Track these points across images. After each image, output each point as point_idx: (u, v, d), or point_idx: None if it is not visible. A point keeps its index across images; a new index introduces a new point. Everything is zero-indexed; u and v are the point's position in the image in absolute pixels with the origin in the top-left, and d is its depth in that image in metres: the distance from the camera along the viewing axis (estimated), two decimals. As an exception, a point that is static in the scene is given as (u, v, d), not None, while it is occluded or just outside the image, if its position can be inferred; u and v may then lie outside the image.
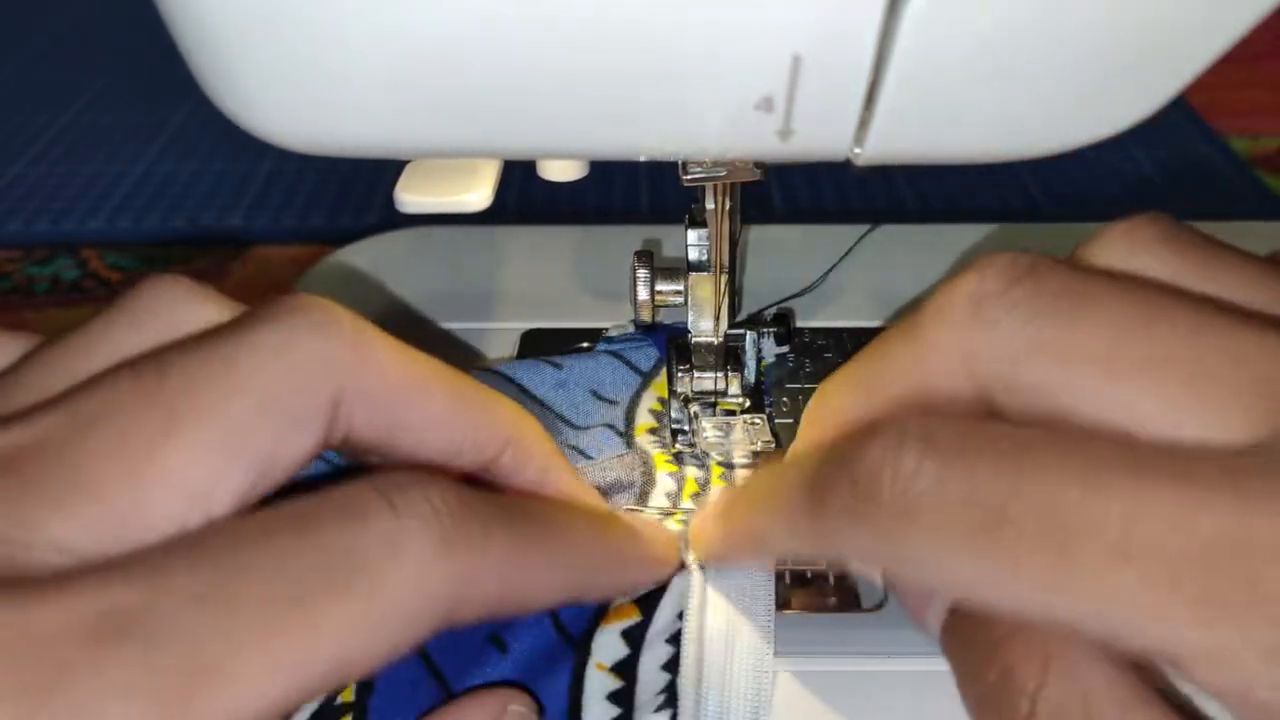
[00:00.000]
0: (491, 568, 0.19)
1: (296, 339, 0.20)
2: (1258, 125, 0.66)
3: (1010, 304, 0.20)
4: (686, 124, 0.21)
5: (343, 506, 0.18)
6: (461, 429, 0.22)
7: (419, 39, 0.19)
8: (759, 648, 0.26)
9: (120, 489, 0.17)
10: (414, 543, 0.18)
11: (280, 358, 0.19)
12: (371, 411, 0.21)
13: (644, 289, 0.34)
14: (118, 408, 0.18)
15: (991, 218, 0.55)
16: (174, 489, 0.18)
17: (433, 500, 0.18)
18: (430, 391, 0.22)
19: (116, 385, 0.18)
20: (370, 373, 0.20)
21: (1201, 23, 0.20)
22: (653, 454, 0.32)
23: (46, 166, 0.68)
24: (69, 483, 0.17)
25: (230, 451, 0.18)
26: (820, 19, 0.19)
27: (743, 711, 0.25)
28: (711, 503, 0.28)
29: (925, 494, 0.18)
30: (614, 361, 0.35)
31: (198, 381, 0.18)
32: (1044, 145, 0.22)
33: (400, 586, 0.18)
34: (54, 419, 0.18)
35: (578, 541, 0.23)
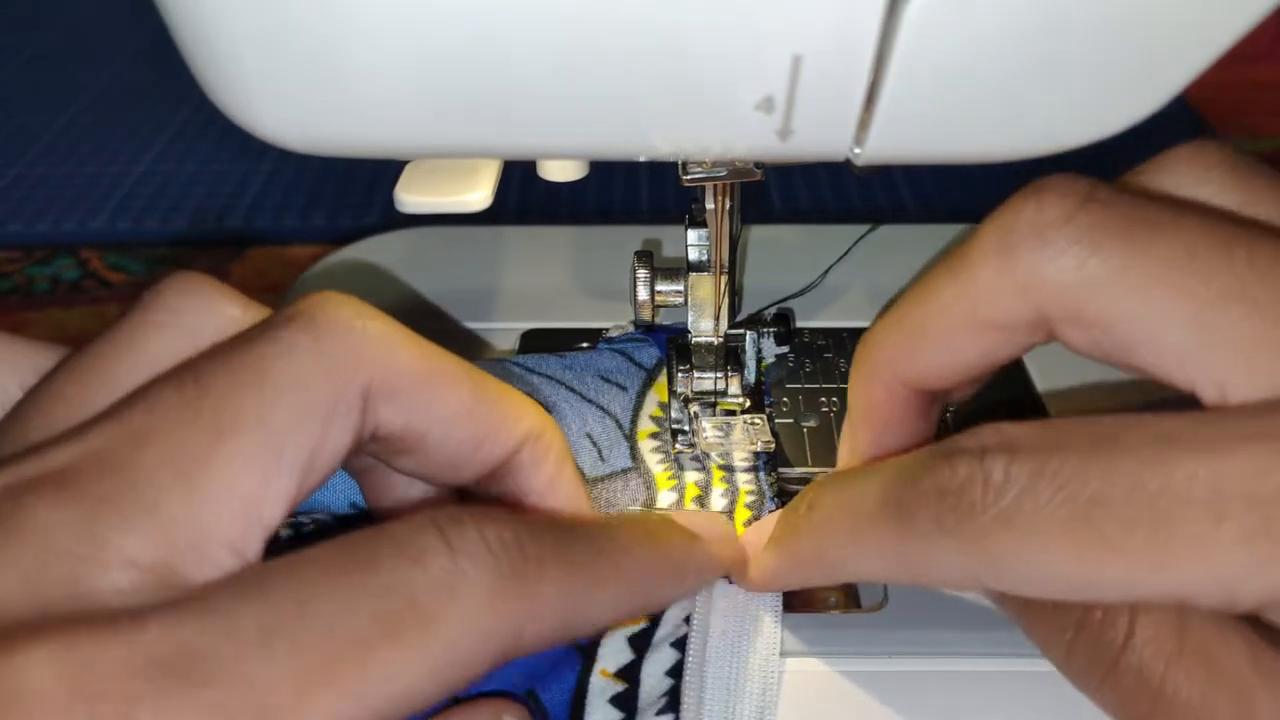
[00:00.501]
0: (548, 603, 0.19)
1: (325, 338, 0.20)
2: (1258, 125, 0.66)
3: (1076, 231, 0.20)
4: (687, 124, 0.21)
5: (401, 544, 0.18)
6: (484, 420, 0.23)
7: (419, 39, 0.19)
8: (766, 653, 0.26)
9: (177, 501, 0.18)
10: (470, 585, 0.18)
11: (311, 358, 0.20)
12: (398, 403, 0.21)
13: (644, 289, 0.34)
14: (165, 421, 0.18)
15: (991, 218, 0.55)
16: (227, 496, 0.18)
17: (489, 538, 0.19)
18: (454, 383, 0.22)
19: (161, 399, 0.19)
20: (396, 366, 0.21)
21: (1201, 23, 0.19)
22: (655, 474, 0.32)
23: (46, 166, 0.68)
24: (130, 499, 0.17)
25: (274, 455, 0.19)
26: (820, 19, 0.19)
27: (748, 713, 0.25)
28: (761, 529, 0.27)
29: (1019, 500, 0.18)
30: (617, 356, 0.36)
31: (236, 389, 0.19)
32: (1044, 145, 0.22)
33: (457, 629, 0.18)
34: (107, 436, 0.18)
35: (634, 563, 0.23)
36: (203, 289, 0.21)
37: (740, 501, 0.31)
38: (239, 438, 0.19)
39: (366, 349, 0.21)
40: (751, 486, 0.32)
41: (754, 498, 0.31)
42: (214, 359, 0.20)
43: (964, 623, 0.28)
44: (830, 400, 0.36)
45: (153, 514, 0.17)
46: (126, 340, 0.21)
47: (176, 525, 0.18)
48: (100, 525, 0.17)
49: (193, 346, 0.21)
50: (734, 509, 0.31)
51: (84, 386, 0.20)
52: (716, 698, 0.25)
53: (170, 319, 0.21)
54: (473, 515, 0.19)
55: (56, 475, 0.18)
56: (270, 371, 0.19)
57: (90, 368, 0.20)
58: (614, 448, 0.33)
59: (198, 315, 0.21)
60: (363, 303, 0.21)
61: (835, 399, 0.36)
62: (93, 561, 0.17)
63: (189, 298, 0.21)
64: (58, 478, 0.18)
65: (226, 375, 0.19)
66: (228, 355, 0.20)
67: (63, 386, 0.20)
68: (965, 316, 0.22)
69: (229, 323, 0.21)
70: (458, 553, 0.18)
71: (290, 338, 0.20)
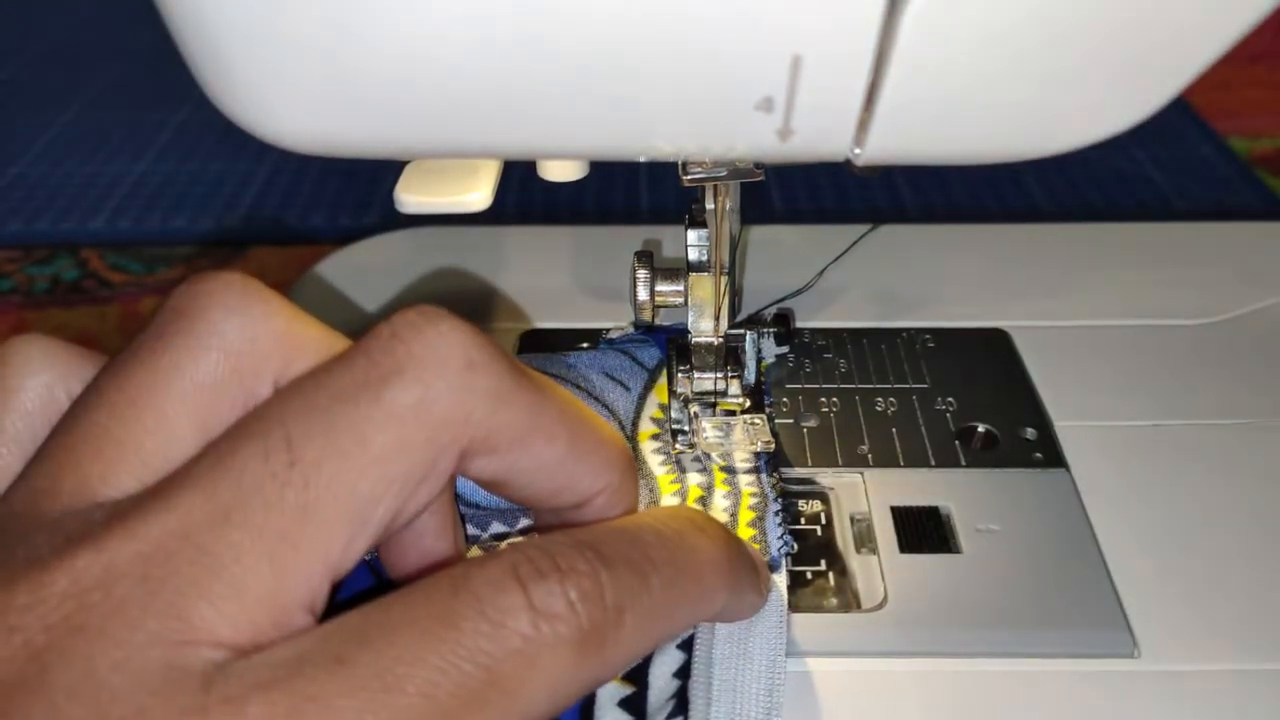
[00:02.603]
0: (628, 646, 0.20)
1: (432, 398, 0.19)
2: (1258, 125, 0.66)
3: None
4: (687, 124, 0.21)
5: (484, 604, 0.18)
6: (570, 475, 0.22)
7: (419, 39, 0.19)
8: (773, 650, 0.26)
9: (266, 581, 0.17)
10: (551, 650, 0.18)
11: (416, 425, 0.19)
12: (492, 461, 0.20)
13: (644, 289, 0.34)
14: (252, 494, 0.18)
15: (991, 218, 0.55)
16: (312, 571, 0.18)
17: (570, 595, 0.19)
18: (551, 440, 0.21)
19: (248, 469, 0.18)
20: (500, 428, 0.20)
21: (1201, 23, 0.19)
22: (657, 476, 0.32)
23: (46, 166, 0.68)
24: (218, 578, 0.17)
25: (363, 523, 0.18)
26: (820, 19, 0.19)
27: (754, 714, 0.25)
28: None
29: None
30: (620, 356, 0.36)
31: (329, 461, 0.18)
32: (1044, 145, 0.22)
33: (537, 692, 0.18)
34: (193, 510, 0.18)
35: (714, 564, 0.23)
36: (249, 307, 0.20)
37: (744, 504, 0.31)
38: (329, 512, 0.18)
39: (476, 412, 0.19)
40: (754, 489, 0.32)
41: (757, 499, 0.31)
42: (307, 419, 0.18)
43: (964, 623, 0.28)
44: (830, 400, 0.36)
45: (241, 597, 0.17)
46: (170, 368, 0.19)
47: (264, 604, 0.17)
48: (191, 608, 0.17)
49: (237, 370, 0.20)
50: (738, 509, 0.31)
51: (136, 425, 0.19)
52: (723, 699, 0.25)
53: (216, 342, 0.20)
54: (557, 566, 0.19)
55: (145, 557, 0.17)
56: (367, 440, 0.18)
57: (136, 401, 0.19)
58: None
59: (240, 331, 0.20)
60: (473, 333, 0.20)
61: (835, 399, 0.36)
62: (186, 645, 0.17)
63: (235, 317, 0.20)
64: (146, 560, 0.17)
65: (320, 444, 0.18)
66: (324, 414, 0.18)
67: (109, 424, 0.19)
68: None
69: (275, 335, 0.20)
70: (539, 615, 0.18)
71: (394, 400, 0.19)
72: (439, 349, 0.19)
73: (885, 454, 0.34)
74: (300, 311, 0.21)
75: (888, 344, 0.39)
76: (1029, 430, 0.35)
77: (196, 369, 0.20)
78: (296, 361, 0.20)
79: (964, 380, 0.37)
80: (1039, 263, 0.44)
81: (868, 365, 0.38)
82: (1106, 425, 0.35)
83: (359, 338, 0.20)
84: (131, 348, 0.20)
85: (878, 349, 0.39)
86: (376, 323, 0.20)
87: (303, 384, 0.19)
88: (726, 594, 0.24)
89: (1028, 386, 0.37)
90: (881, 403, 0.36)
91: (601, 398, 0.34)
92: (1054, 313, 0.41)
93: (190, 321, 0.20)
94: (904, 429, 0.35)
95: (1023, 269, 0.44)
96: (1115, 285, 0.42)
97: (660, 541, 0.22)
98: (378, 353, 0.19)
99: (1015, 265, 0.44)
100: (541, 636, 0.18)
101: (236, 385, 0.20)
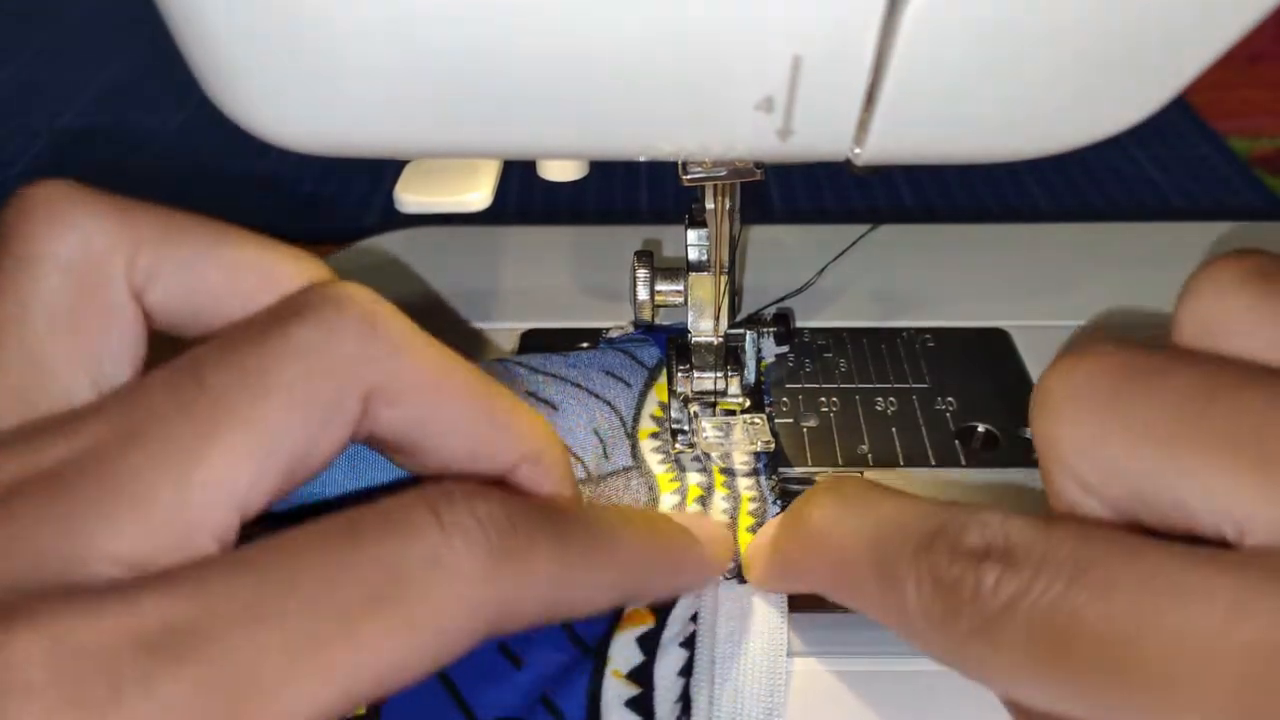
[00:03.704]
0: (538, 583, 0.19)
1: (334, 338, 0.20)
2: (1258, 125, 0.66)
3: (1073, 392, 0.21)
4: (687, 124, 0.21)
5: (390, 520, 0.18)
6: (483, 437, 0.22)
7: (419, 39, 0.19)
8: (773, 650, 0.26)
9: (167, 499, 0.18)
10: (459, 560, 0.18)
11: (317, 358, 0.19)
12: (398, 411, 0.21)
13: (644, 289, 0.34)
14: (158, 418, 0.18)
15: (991, 218, 0.55)
16: (216, 495, 0.18)
17: (479, 515, 0.19)
18: (458, 396, 0.22)
19: (158, 399, 0.18)
20: (403, 373, 0.21)
21: (1201, 23, 0.19)
22: (656, 475, 0.32)
23: (46, 166, 0.68)
24: (118, 496, 0.17)
25: (267, 454, 0.19)
26: (820, 19, 0.19)
27: (755, 714, 0.25)
28: (770, 529, 0.27)
29: (1000, 618, 0.19)
30: (620, 354, 0.36)
31: (235, 388, 0.19)
32: (1044, 145, 0.22)
33: (444, 603, 0.18)
34: (97, 434, 0.18)
35: (627, 550, 0.23)
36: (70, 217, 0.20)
37: (743, 508, 0.31)
38: (232, 436, 0.18)
39: (374, 353, 0.20)
40: (753, 492, 0.32)
41: (756, 504, 0.31)
42: (219, 354, 0.19)
43: (964, 623, 0.28)
44: (830, 400, 0.36)
45: (141, 511, 0.17)
46: (22, 300, 0.19)
47: (165, 523, 0.17)
48: (82, 522, 0.17)
49: (84, 282, 0.20)
50: (737, 512, 0.31)
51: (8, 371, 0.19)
52: (725, 696, 0.25)
53: (51, 266, 0.19)
54: (465, 491, 0.19)
55: (45, 476, 0.17)
56: (271, 372, 0.19)
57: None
58: (617, 446, 0.33)
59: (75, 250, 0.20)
60: (380, 299, 0.21)
61: (835, 399, 0.36)
62: (78, 560, 0.17)
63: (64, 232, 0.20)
64: (45, 478, 0.17)
65: (227, 373, 0.19)
66: (233, 350, 0.19)
67: None
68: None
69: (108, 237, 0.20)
70: (448, 527, 0.18)
71: (301, 336, 0.19)
72: (344, 299, 0.20)
73: (885, 454, 0.34)
74: (134, 203, 0.21)
75: (888, 344, 0.39)
76: (1029, 430, 0.34)
77: (44, 296, 0.19)
78: (141, 258, 0.20)
79: (964, 380, 0.37)
80: (1039, 263, 0.44)
81: (868, 365, 0.38)
82: (1106, 425, 0.35)
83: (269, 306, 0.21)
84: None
85: (878, 349, 0.39)
86: None
87: (219, 334, 0.20)
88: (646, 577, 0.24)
89: (1028, 386, 0.37)
90: (881, 403, 0.36)
91: (602, 395, 0.34)
92: (1054, 313, 0.41)
93: (21, 247, 0.20)
94: (904, 429, 0.35)
95: (1023, 269, 0.44)
96: (1115, 285, 0.42)
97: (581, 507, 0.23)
98: (295, 301, 0.20)
99: (1015, 265, 0.44)
100: (450, 544, 0.18)
101: (92, 303, 0.20)
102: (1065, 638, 0.18)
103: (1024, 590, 0.19)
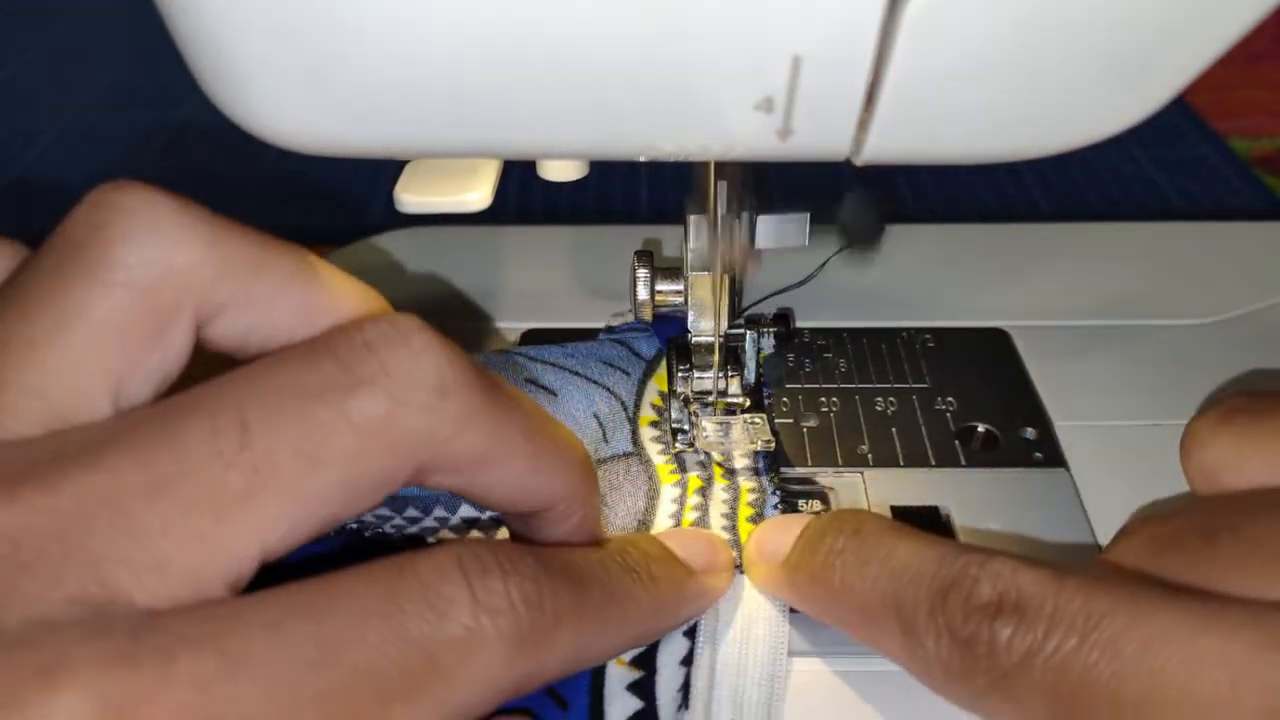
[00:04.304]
0: (557, 655, 0.20)
1: (398, 417, 0.18)
2: (1258, 125, 0.66)
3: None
4: (686, 124, 0.21)
5: (427, 590, 0.18)
6: (530, 491, 0.22)
7: (419, 40, 0.19)
8: (774, 639, 0.26)
9: (193, 555, 0.17)
10: (489, 645, 0.18)
11: (376, 438, 0.18)
12: (452, 477, 0.20)
13: (644, 289, 0.34)
14: (193, 468, 0.17)
15: (991, 218, 0.55)
16: (245, 553, 0.17)
17: (512, 594, 0.19)
18: (512, 459, 0.21)
19: (190, 439, 0.17)
20: (463, 448, 0.20)
21: (1201, 23, 0.19)
22: (656, 465, 0.32)
23: (47, 167, 0.68)
24: (145, 547, 0.16)
25: (303, 520, 0.18)
26: (820, 19, 0.19)
27: (757, 701, 0.25)
28: (774, 531, 0.28)
29: (1015, 672, 0.19)
30: (618, 346, 0.36)
31: (282, 454, 0.17)
32: (1044, 145, 0.22)
33: (471, 685, 0.18)
34: (121, 470, 0.17)
35: (638, 610, 0.23)
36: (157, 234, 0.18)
37: (743, 498, 0.31)
38: (272, 502, 0.17)
39: (438, 433, 0.19)
40: (753, 484, 0.32)
41: (756, 494, 0.31)
42: (264, 406, 0.18)
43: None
44: (830, 400, 0.36)
45: (163, 570, 0.16)
46: (75, 310, 0.18)
47: (185, 580, 0.17)
48: (115, 572, 0.16)
49: (150, 307, 0.18)
50: (737, 503, 0.31)
51: (38, 370, 0.18)
52: (725, 684, 0.25)
53: (122, 278, 0.18)
54: (500, 565, 0.19)
55: (63, 515, 0.16)
56: (327, 443, 0.18)
57: (37, 344, 0.18)
58: (617, 430, 0.33)
59: (153, 270, 0.18)
60: (448, 354, 0.19)
61: (835, 399, 0.36)
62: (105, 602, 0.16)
63: (142, 248, 0.18)
64: (64, 518, 0.16)
65: (277, 437, 0.17)
66: (284, 407, 0.18)
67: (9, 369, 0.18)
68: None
69: (191, 267, 0.19)
70: (481, 608, 0.18)
71: (360, 410, 0.18)
72: (412, 368, 0.19)
73: (885, 454, 0.34)
74: (224, 225, 0.19)
75: (888, 344, 0.39)
76: (1029, 430, 0.35)
77: (103, 307, 0.18)
78: (221, 287, 0.19)
79: (964, 380, 0.37)
80: (1039, 263, 0.44)
81: (868, 365, 0.38)
82: (1106, 425, 0.35)
83: (326, 332, 0.20)
84: (29, 277, 0.19)
85: (878, 349, 0.39)
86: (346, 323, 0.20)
87: (264, 370, 0.18)
88: (652, 626, 0.25)
89: (1028, 386, 0.37)
90: (881, 402, 0.36)
91: (601, 381, 0.34)
92: (1054, 313, 0.41)
93: (95, 253, 0.18)
94: (904, 429, 0.35)
95: (1023, 269, 0.44)
96: (1115, 285, 0.42)
97: (599, 567, 0.22)
98: (348, 357, 0.19)
99: (1015, 265, 0.44)
100: (481, 628, 0.18)
101: (148, 323, 0.18)
102: (1078, 696, 0.19)
103: (1037, 647, 0.19)
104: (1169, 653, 0.18)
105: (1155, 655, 0.18)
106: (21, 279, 0.19)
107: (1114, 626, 0.19)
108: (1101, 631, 0.19)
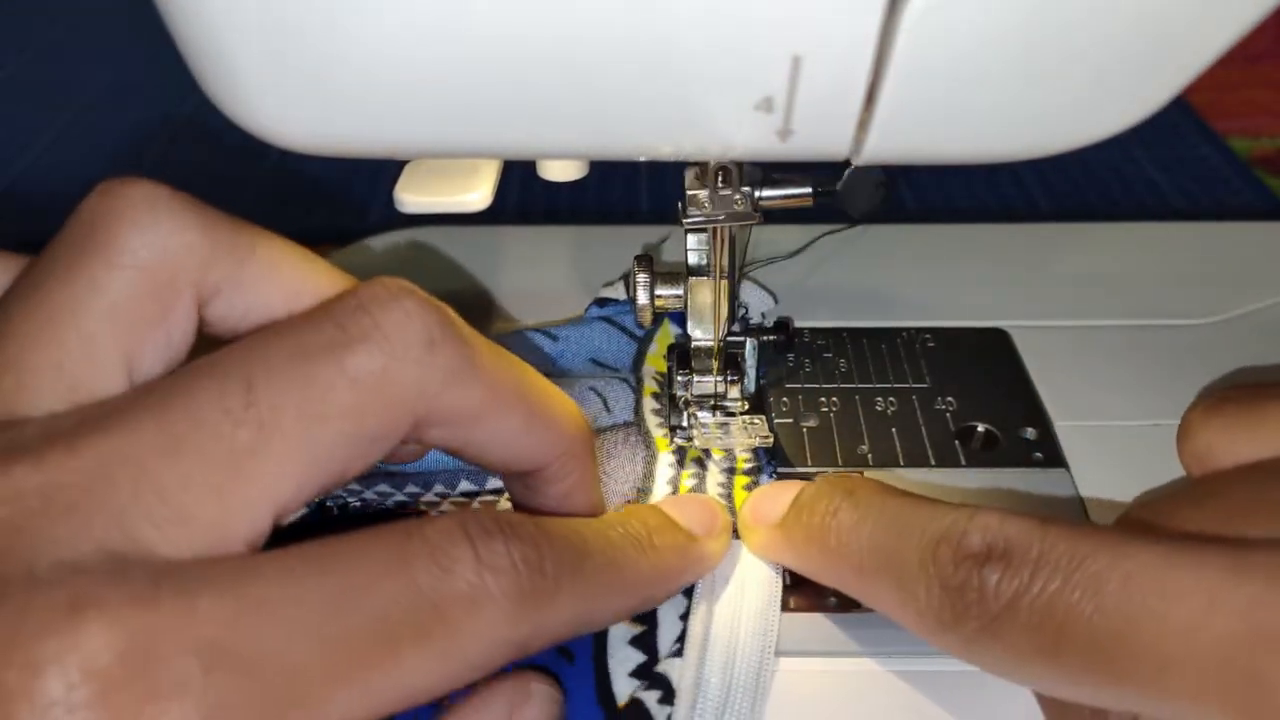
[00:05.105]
0: (560, 618, 0.21)
1: (393, 368, 0.20)
2: (1258, 125, 0.66)
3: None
4: (686, 124, 0.21)
5: (435, 550, 0.19)
6: (526, 448, 0.23)
7: (419, 40, 0.19)
8: (768, 597, 0.27)
9: (211, 511, 0.18)
10: (493, 600, 0.19)
11: (373, 390, 0.19)
12: (444, 431, 0.21)
13: (644, 293, 0.34)
14: (204, 427, 0.18)
15: (991, 218, 0.55)
16: (258, 509, 0.18)
17: (514, 556, 0.20)
18: (509, 413, 0.22)
19: (200, 401, 0.18)
20: (458, 399, 0.21)
21: (1201, 23, 0.19)
22: (655, 437, 0.33)
23: (47, 166, 0.68)
24: (165, 503, 0.17)
25: (311, 473, 0.19)
26: (820, 19, 0.19)
27: (749, 658, 0.26)
28: (769, 496, 0.28)
29: (1003, 616, 0.20)
30: (608, 328, 0.36)
31: (286, 408, 0.19)
32: (1044, 145, 0.22)
33: (475, 639, 0.19)
34: (140, 431, 0.18)
35: (638, 577, 0.24)
36: (158, 221, 0.20)
37: (739, 466, 0.32)
38: (280, 456, 0.18)
39: (431, 383, 0.20)
40: (748, 453, 0.32)
41: (751, 464, 0.32)
42: (268, 367, 0.19)
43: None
44: (830, 400, 0.36)
45: (185, 524, 0.18)
46: (88, 288, 0.19)
47: (206, 531, 0.18)
48: (138, 526, 0.17)
49: (153, 286, 0.20)
50: (732, 486, 0.31)
51: (57, 346, 0.19)
52: (719, 640, 0.26)
53: (129, 260, 0.20)
54: (501, 529, 0.20)
55: (88, 473, 0.17)
56: (326, 397, 0.19)
57: (55, 320, 0.19)
58: (619, 400, 0.34)
59: (155, 253, 0.20)
60: (438, 313, 0.21)
61: (835, 399, 0.36)
62: (130, 552, 0.17)
63: (145, 234, 0.20)
64: (90, 475, 0.17)
65: (280, 392, 0.19)
66: (286, 366, 0.19)
67: (28, 344, 0.19)
68: None
69: (188, 250, 0.20)
70: (484, 567, 0.19)
71: (357, 366, 0.19)
72: (405, 324, 0.20)
73: (885, 454, 0.34)
74: (216, 215, 0.21)
75: (888, 344, 0.39)
76: (1029, 430, 0.35)
77: (113, 287, 0.20)
78: (215, 269, 0.21)
79: (964, 380, 0.37)
80: (1039, 263, 0.44)
81: (868, 365, 0.38)
82: (1106, 425, 0.35)
83: (325, 300, 0.21)
84: (43, 263, 0.20)
85: (878, 349, 0.39)
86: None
87: (265, 336, 0.20)
88: (654, 592, 0.25)
89: (1028, 386, 0.37)
90: (881, 402, 0.36)
91: (599, 359, 0.35)
92: (1054, 313, 0.41)
93: (103, 238, 0.20)
94: (904, 429, 0.35)
95: (1023, 269, 0.44)
96: (1115, 285, 0.42)
97: (600, 535, 0.23)
98: (344, 319, 0.20)
99: (1015, 265, 0.44)
100: (485, 585, 0.19)
101: (153, 302, 0.20)
102: (1063, 632, 0.19)
103: (1023, 589, 0.20)
104: (1148, 586, 0.19)
105: (1135, 589, 0.19)
106: (36, 267, 0.20)
107: (1095, 565, 0.19)
108: (1084, 571, 0.20)
